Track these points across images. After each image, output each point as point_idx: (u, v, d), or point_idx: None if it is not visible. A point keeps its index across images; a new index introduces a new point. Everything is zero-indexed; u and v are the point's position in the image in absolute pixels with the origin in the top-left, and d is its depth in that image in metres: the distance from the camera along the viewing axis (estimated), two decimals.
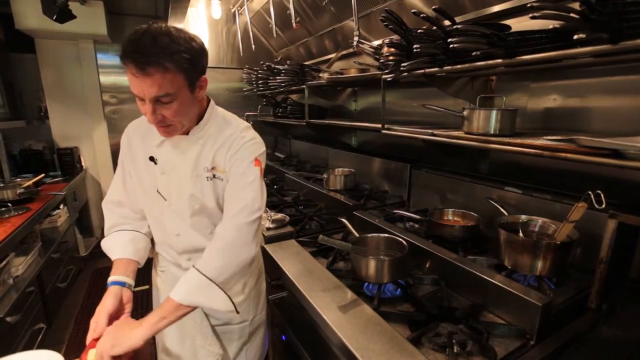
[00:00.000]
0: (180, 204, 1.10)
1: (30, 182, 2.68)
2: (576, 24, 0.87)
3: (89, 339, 0.96)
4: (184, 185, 1.08)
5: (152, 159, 1.10)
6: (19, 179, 2.96)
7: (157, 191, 1.11)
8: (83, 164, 3.82)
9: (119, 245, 1.14)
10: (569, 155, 0.94)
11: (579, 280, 1.18)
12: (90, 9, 3.23)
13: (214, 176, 1.08)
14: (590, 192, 1.01)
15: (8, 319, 1.76)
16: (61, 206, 2.90)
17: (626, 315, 1.02)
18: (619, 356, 0.87)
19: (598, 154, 0.87)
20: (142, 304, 2.97)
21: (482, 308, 1.13)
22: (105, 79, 3.78)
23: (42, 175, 2.94)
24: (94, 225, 3.95)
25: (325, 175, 2.35)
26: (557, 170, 1.41)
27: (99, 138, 3.88)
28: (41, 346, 2.08)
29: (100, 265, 3.66)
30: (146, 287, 3.26)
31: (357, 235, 1.40)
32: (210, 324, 1.21)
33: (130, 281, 1.10)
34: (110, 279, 1.08)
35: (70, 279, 2.81)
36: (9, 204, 2.33)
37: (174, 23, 2.89)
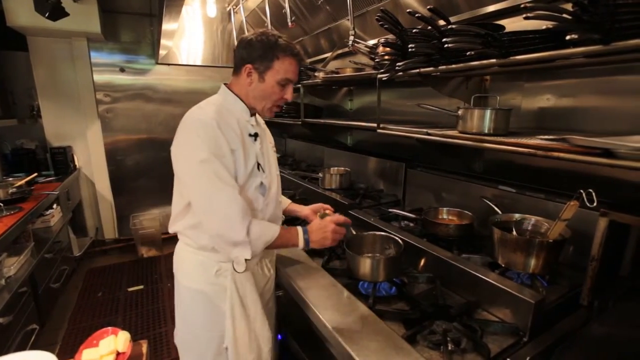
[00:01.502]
0: (273, 171, 1.30)
1: (23, 181, 2.65)
2: (569, 24, 0.87)
3: None
4: (272, 156, 1.32)
5: (255, 135, 1.22)
6: (10, 179, 2.92)
7: (258, 166, 1.20)
8: (76, 163, 3.78)
9: (268, 222, 1.20)
10: (561, 154, 0.95)
11: (571, 278, 1.20)
12: (84, 6, 3.19)
13: (274, 150, 1.38)
14: (582, 191, 1.02)
15: (0, 320, 1.74)
16: (54, 206, 2.86)
17: (617, 312, 1.03)
18: (610, 353, 0.88)
19: (590, 153, 0.88)
20: (136, 304, 2.96)
21: (476, 306, 1.14)
22: (99, 77, 3.74)
23: (35, 174, 2.91)
24: (88, 225, 3.91)
25: (320, 175, 2.35)
26: (550, 169, 1.42)
27: (92, 137, 3.84)
28: (34, 347, 2.06)
29: (94, 265, 3.63)
30: (140, 287, 3.25)
31: (353, 232, 1.41)
32: (261, 306, 1.26)
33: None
34: (299, 227, 1.23)
35: (63, 279, 2.78)
36: (1, 204, 2.29)
37: (168, 22, 2.87)
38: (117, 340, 0.98)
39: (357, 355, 0.89)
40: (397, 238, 1.34)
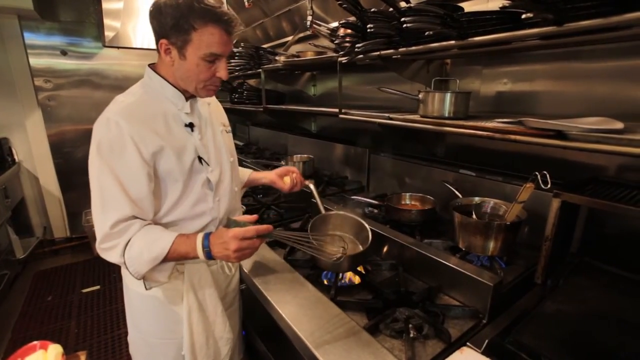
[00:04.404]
0: (224, 161, 1.14)
1: None
2: (524, 3, 0.86)
3: None
4: (219, 143, 1.13)
5: (191, 125, 1.05)
6: None
7: (199, 159, 1.05)
8: (15, 157, 3.42)
9: (162, 232, 0.97)
10: (517, 137, 0.96)
11: (527, 258, 1.23)
12: None
13: (227, 131, 1.22)
14: (537, 173, 1.03)
15: None
16: None
17: (566, 288, 1.07)
18: (561, 329, 0.91)
19: (544, 135, 0.89)
20: (91, 306, 2.77)
21: (438, 291, 1.14)
22: (37, 61, 3.36)
23: None
24: (34, 224, 3.57)
25: (283, 163, 2.28)
26: (509, 152, 1.45)
27: (33, 128, 3.48)
28: None
29: (43, 267, 3.35)
30: (97, 287, 3.04)
31: (323, 211, 1.34)
32: (222, 308, 1.17)
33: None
34: (199, 236, 0.98)
35: (4, 285, 2.54)
36: None
37: (110, 0, 2.62)
38: (46, 355, 0.87)
39: (317, 349, 0.86)
40: (367, 227, 1.28)
